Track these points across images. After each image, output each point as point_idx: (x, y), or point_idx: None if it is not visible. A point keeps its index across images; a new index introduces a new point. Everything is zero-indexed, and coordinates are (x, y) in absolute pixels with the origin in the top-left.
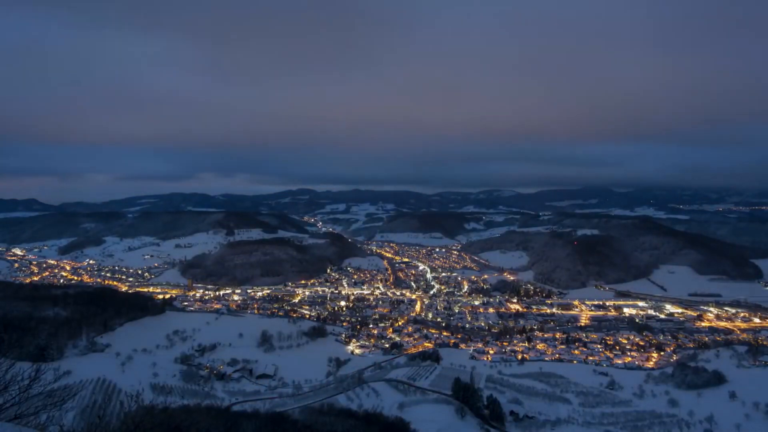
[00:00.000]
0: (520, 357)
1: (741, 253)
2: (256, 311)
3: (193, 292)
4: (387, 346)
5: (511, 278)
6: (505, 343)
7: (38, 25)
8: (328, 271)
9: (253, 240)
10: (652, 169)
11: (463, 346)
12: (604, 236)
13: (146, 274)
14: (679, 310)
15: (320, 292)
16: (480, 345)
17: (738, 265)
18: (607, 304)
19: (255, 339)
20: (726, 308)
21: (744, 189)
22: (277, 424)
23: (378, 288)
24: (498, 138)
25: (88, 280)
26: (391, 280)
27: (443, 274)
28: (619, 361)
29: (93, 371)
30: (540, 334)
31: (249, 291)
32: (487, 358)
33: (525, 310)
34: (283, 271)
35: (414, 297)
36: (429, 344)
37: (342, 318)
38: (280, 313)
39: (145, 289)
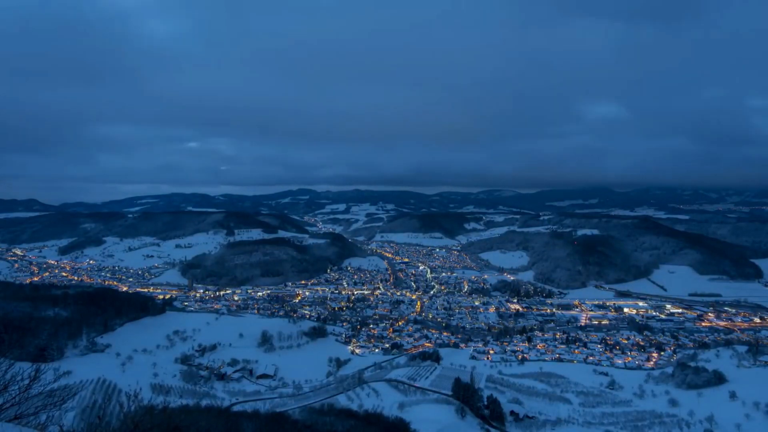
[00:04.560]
0: (520, 357)
1: (741, 253)
2: (256, 311)
3: (193, 293)
4: (387, 346)
5: (511, 278)
6: (505, 343)
7: None
8: (328, 271)
9: (253, 240)
10: None
11: (463, 346)
12: (604, 236)
13: (146, 274)
14: (680, 310)
15: (320, 292)
16: (480, 345)
17: (738, 265)
18: (607, 304)
19: (255, 339)
20: (726, 308)
21: (744, 189)
22: (278, 424)
23: (378, 288)
24: None
25: (88, 281)
26: (391, 280)
27: (443, 274)
28: (620, 361)
29: (93, 371)
30: (540, 334)
31: (249, 291)
32: (488, 358)
33: (525, 310)
34: (283, 271)
35: (414, 297)
36: (429, 344)
37: (342, 318)
38: (281, 313)
39: (146, 289)
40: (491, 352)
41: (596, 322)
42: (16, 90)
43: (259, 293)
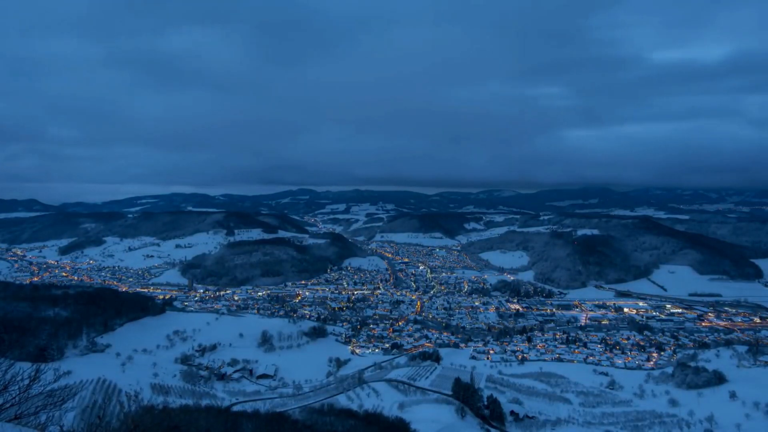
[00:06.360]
0: (520, 357)
1: (741, 253)
2: (256, 311)
3: (193, 293)
4: (387, 346)
5: (511, 278)
6: (505, 343)
7: None
8: (328, 271)
9: (253, 240)
10: None
11: (463, 346)
12: (604, 236)
13: (146, 274)
14: (680, 310)
15: (320, 292)
16: (480, 345)
17: (738, 265)
18: (608, 304)
19: (255, 339)
20: (726, 308)
21: (744, 189)
22: (278, 424)
23: (378, 288)
24: None
25: (88, 281)
26: (391, 280)
27: (443, 274)
28: (620, 361)
29: (93, 371)
30: (540, 334)
31: (249, 291)
32: (488, 358)
33: (525, 310)
34: (284, 271)
35: (414, 297)
36: (429, 344)
37: (342, 318)
38: (281, 313)
39: (146, 289)
40: (491, 352)
41: (596, 322)
42: None
43: (259, 293)
